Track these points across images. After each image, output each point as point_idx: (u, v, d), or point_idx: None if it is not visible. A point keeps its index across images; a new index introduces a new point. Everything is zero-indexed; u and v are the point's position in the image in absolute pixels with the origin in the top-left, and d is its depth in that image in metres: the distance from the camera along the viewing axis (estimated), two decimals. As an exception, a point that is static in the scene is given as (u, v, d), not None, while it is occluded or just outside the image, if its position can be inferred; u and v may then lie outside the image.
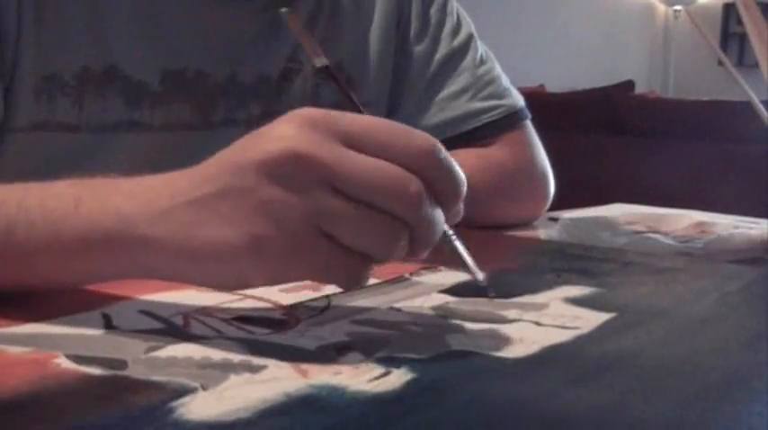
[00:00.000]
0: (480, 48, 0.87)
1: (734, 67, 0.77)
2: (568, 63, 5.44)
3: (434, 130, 0.84)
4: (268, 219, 0.40)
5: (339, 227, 0.40)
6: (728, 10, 5.98)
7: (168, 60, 0.70)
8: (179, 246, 0.42)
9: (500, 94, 0.86)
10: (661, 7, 6.49)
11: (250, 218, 0.41)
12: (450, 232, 0.46)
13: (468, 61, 0.85)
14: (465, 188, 0.43)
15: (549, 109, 3.25)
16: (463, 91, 0.84)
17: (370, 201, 0.40)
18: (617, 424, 0.35)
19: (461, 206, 0.44)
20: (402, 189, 0.40)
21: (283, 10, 0.47)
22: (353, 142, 0.41)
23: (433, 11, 0.85)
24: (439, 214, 0.42)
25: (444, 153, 0.42)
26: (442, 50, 0.85)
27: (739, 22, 0.77)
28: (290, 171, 0.40)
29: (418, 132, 0.42)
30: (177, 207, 0.42)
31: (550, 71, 5.03)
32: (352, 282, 0.43)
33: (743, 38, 5.26)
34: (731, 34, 5.91)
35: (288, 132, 0.41)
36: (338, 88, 0.47)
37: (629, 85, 3.74)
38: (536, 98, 0.88)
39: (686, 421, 0.35)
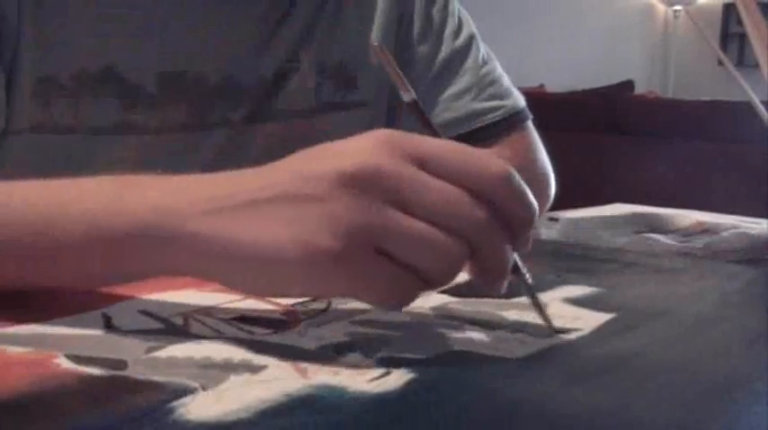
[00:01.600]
0: (482, 48, 0.87)
1: (734, 67, 0.77)
2: (568, 63, 5.44)
3: (444, 125, 0.84)
4: (329, 228, 0.39)
5: (399, 244, 0.40)
6: (728, 10, 5.98)
7: (165, 63, 0.69)
8: (226, 244, 0.41)
9: (502, 95, 0.86)
10: (661, 7, 6.49)
11: (311, 224, 0.40)
12: (526, 271, 0.45)
13: (470, 61, 0.85)
14: (537, 216, 0.43)
15: (549, 109, 3.25)
16: (466, 91, 0.84)
17: (436, 222, 0.40)
18: (617, 424, 0.35)
19: (530, 236, 0.43)
20: (468, 211, 0.40)
21: (375, 44, 0.47)
22: (429, 165, 0.40)
23: (436, 11, 0.85)
24: (506, 241, 0.42)
25: (518, 180, 0.42)
26: (445, 50, 0.85)
27: (739, 22, 0.77)
28: (365, 186, 0.40)
29: (494, 159, 0.42)
30: (235, 206, 0.41)
31: (550, 71, 5.03)
32: (399, 302, 0.42)
33: (743, 38, 5.26)
34: (731, 34, 5.91)
35: (364, 147, 0.40)
36: (422, 122, 0.46)
37: (629, 85, 3.74)
38: (536, 98, 0.88)
39: (686, 421, 0.35)
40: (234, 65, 0.73)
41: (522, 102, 0.87)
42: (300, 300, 0.50)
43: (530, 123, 0.88)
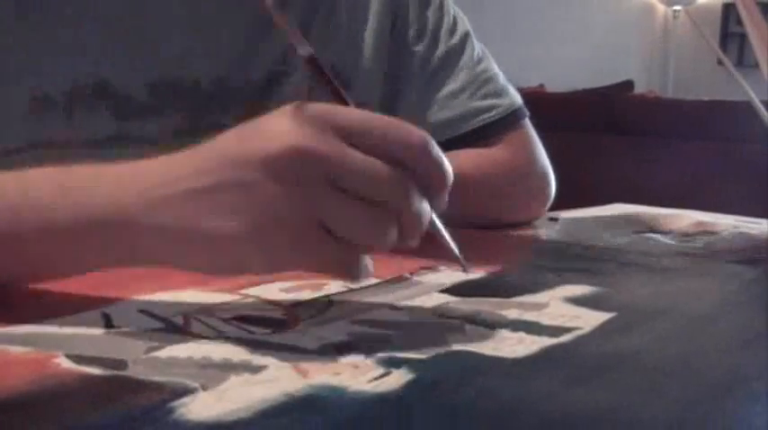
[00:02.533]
0: (477, 46, 0.87)
1: (734, 67, 0.77)
2: (568, 63, 5.44)
3: (435, 129, 0.84)
4: (270, 213, 0.42)
5: (337, 220, 0.42)
6: (728, 10, 5.98)
7: (155, 71, 0.69)
8: (179, 234, 0.43)
9: (498, 93, 0.86)
10: (661, 7, 6.49)
11: (251, 211, 0.42)
12: (436, 219, 0.48)
13: (465, 59, 0.85)
14: (451, 180, 0.45)
15: (549, 109, 3.25)
16: (462, 89, 0.84)
17: (365, 196, 0.42)
18: (617, 424, 0.35)
19: (446, 196, 0.46)
20: (392, 182, 0.42)
21: (267, 3, 0.48)
22: (349, 136, 0.42)
23: (431, 11, 0.85)
24: (426, 205, 0.44)
25: (435, 147, 0.44)
26: (441, 49, 0.85)
27: (739, 22, 0.77)
28: (292, 167, 0.42)
29: (411, 127, 0.44)
30: (176, 196, 0.43)
31: (550, 71, 5.03)
32: (352, 273, 0.45)
33: (743, 38, 5.26)
34: (731, 34, 5.92)
35: (286, 127, 0.42)
36: (324, 81, 0.48)
37: (629, 85, 3.74)
38: (536, 98, 0.88)
39: (686, 421, 0.35)
40: (224, 69, 0.73)
41: (518, 100, 0.87)
42: (301, 299, 0.50)
43: (527, 121, 0.87)
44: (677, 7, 6.29)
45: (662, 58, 6.55)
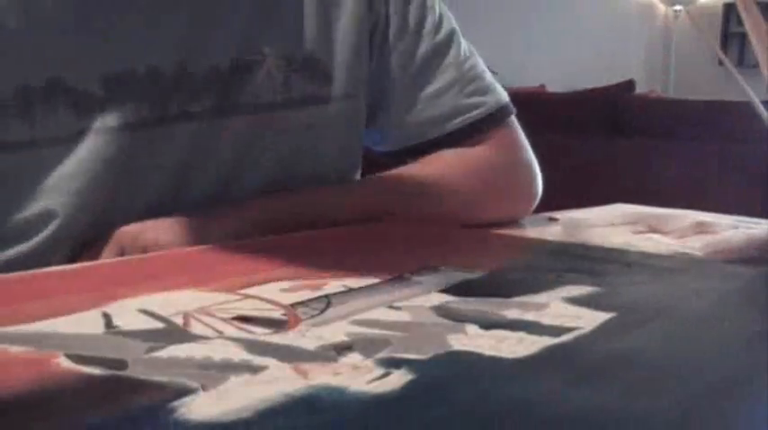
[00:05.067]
0: (463, 43, 0.87)
1: (734, 67, 0.77)
2: (568, 63, 5.44)
3: (422, 127, 0.84)
4: None
5: None
6: (728, 10, 5.98)
7: (111, 63, 0.69)
8: None
9: (485, 90, 0.86)
10: (661, 7, 6.49)
11: None
12: None
13: (451, 56, 0.85)
14: None
15: (549, 109, 3.25)
16: (448, 87, 0.84)
17: None
18: (618, 424, 0.35)
19: None
20: None
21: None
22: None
23: (413, 8, 0.85)
24: None
25: None
26: (425, 46, 0.84)
27: (739, 22, 0.77)
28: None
29: None
30: None
31: (550, 71, 5.02)
32: None
33: (743, 38, 5.26)
34: (731, 34, 5.91)
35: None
36: None
37: (630, 84, 3.73)
38: (536, 98, 0.88)
39: (686, 421, 0.35)
40: (183, 55, 0.72)
41: (505, 97, 0.87)
42: (300, 299, 0.50)
43: (513, 119, 0.87)
44: (678, 7, 6.28)
45: (663, 58, 6.55)
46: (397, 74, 0.84)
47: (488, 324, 0.46)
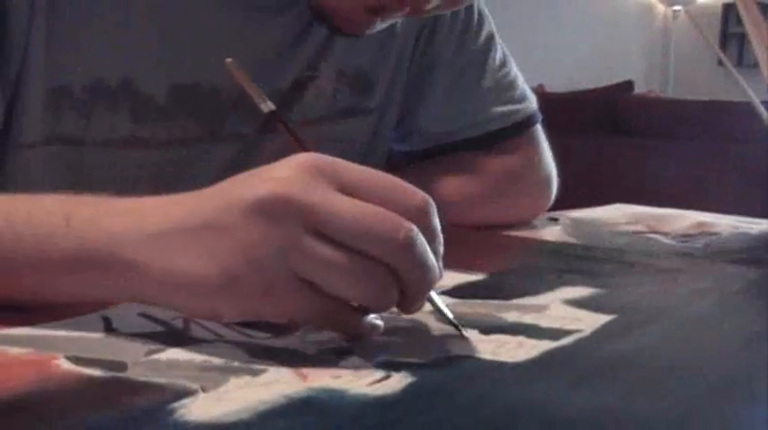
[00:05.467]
0: (500, 48, 0.86)
1: (734, 67, 0.77)
2: (568, 63, 5.44)
3: (453, 133, 0.83)
4: (244, 258, 0.40)
5: (317, 271, 0.40)
6: (728, 10, 5.98)
7: (178, 74, 0.68)
8: (159, 272, 0.42)
9: (518, 99, 0.86)
10: (661, 7, 6.49)
11: (226, 255, 0.40)
12: (441, 301, 0.46)
13: (489, 64, 0.84)
14: (441, 251, 0.43)
15: (549, 109, 3.24)
16: (485, 95, 0.84)
17: (355, 246, 0.39)
18: (618, 425, 0.35)
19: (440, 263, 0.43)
20: (392, 233, 0.40)
21: (228, 60, 0.47)
22: (349, 190, 0.40)
23: (459, 16, 0.83)
24: (435, 265, 0.41)
25: (435, 211, 0.42)
26: (467, 54, 0.83)
27: (739, 22, 0.77)
28: (273, 212, 0.40)
29: (414, 188, 0.42)
30: (164, 233, 0.42)
31: (550, 71, 5.02)
32: (339, 330, 0.43)
33: (743, 38, 5.26)
34: (731, 34, 5.91)
35: (282, 174, 0.41)
36: (286, 132, 0.46)
37: (629, 85, 3.73)
38: (536, 98, 0.88)
39: (687, 421, 0.35)
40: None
41: (534, 104, 0.87)
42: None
43: (539, 126, 0.88)
44: (677, 7, 6.28)
45: (662, 58, 6.54)
46: (437, 79, 0.83)
47: (488, 327, 0.46)
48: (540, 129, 0.88)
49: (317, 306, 0.41)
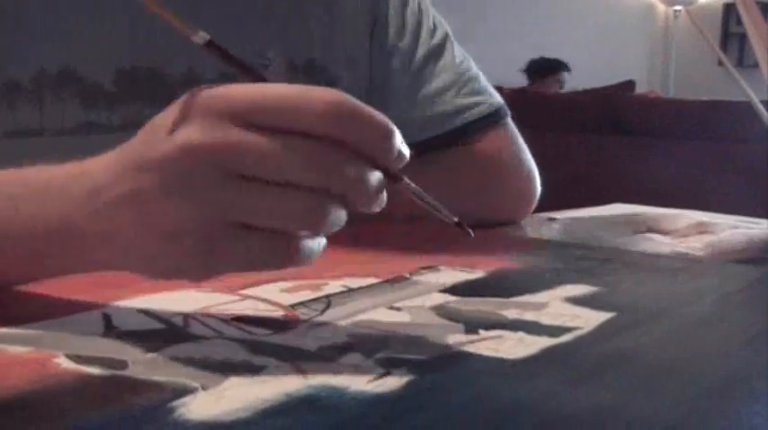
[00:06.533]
0: (457, 47, 0.88)
1: (734, 67, 0.77)
2: (568, 63, 5.44)
3: (420, 127, 0.84)
4: (172, 223, 0.39)
5: (252, 213, 0.39)
6: (728, 10, 5.98)
7: (122, 59, 0.68)
8: (112, 241, 0.42)
9: (481, 91, 0.86)
10: (661, 7, 6.49)
11: (154, 223, 0.40)
12: (407, 181, 0.43)
13: (447, 59, 0.86)
14: (392, 130, 0.39)
15: (549, 109, 3.25)
16: (447, 88, 0.85)
17: (280, 180, 0.38)
18: (617, 424, 0.35)
19: (401, 148, 0.40)
20: (310, 160, 0.38)
21: None
22: (250, 119, 0.38)
23: (410, 12, 0.85)
24: (366, 168, 0.39)
25: (353, 101, 0.39)
26: (422, 49, 0.85)
27: (739, 22, 0.77)
28: (186, 169, 0.39)
29: (320, 92, 0.39)
30: (105, 205, 0.42)
31: (550, 71, 5.02)
32: (287, 263, 0.41)
33: (743, 38, 5.26)
34: (731, 34, 5.91)
35: (177, 122, 0.39)
36: (233, 63, 0.44)
37: (630, 85, 3.74)
38: (536, 98, 0.88)
39: (686, 421, 0.35)
40: (193, 59, 0.71)
41: (500, 99, 0.88)
42: (301, 299, 0.50)
43: (510, 120, 0.88)
44: (678, 7, 6.28)
45: (662, 58, 6.55)
46: (397, 76, 0.84)
47: (488, 324, 0.46)
48: (512, 125, 0.88)
49: (268, 245, 0.40)
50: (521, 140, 0.87)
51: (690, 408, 0.36)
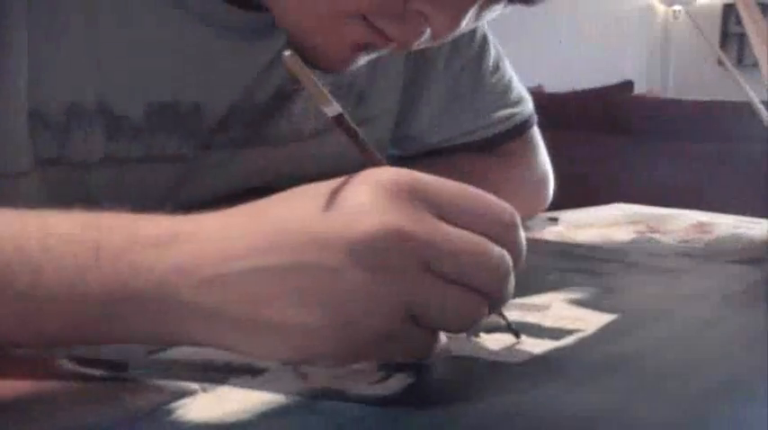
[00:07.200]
0: (493, 50, 0.85)
1: (733, 67, 0.77)
2: (568, 63, 5.44)
3: (449, 140, 0.83)
4: (356, 303, 0.36)
5: (431, 308, 0.37)
6: (728, 10, 5.98)
7: (156, 93, 0.64)
8: (238, 320, 0.37)
9: (515, 102, 0.85)
10: (661, 7, 6.49)
11: (336, 301, 0.36)
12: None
13: (484, 68, 0.84)
14: (522, 259, 0.41)
15: (549, 109, 3.24)
16: (481, 102, 0.83)
17: (461, 280, 0.37)
18: (619, 425, 0.34)
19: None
20: (494, 268, 0.38)
21: (286, 53, 0.40)
22: (444, 212, 0.38)
23: None
24: (513, 286, 0.40)
25: (520, 227, 0.41)
26: (461, 59, 0.83)
27: (739, 22, 0.77)
28: (385, 252, 0.36)
29: (501, 203, 0.40)
30: (237, 274, 0.37)
31: (550, 71, 5.02)
32: (426, 357, 0.39)
33: (742, 38, 5.26)
34: (731, 34, 5.91)
35: (379, 205, 0.37)
36: (354, 140, 0.41)
37: (629, 85, 3.73)
38: (535, 98, 0.87)
39: (688, 422, 0.35)
40: (229, 97, 0.68)
41: (530, 106, 0.87)
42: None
43: (535, 128, 0.88)
44: (677, 7, 6.28)
45: (662, 58, 6.54)
46: (432, 85, 0.82)
47: (489, 327, 0.46)
48: (536, 131, 0.88)
49: (421, 339, 0.38)
50: (541, 148, 0.87)
51: (692, 409, 0.36)
